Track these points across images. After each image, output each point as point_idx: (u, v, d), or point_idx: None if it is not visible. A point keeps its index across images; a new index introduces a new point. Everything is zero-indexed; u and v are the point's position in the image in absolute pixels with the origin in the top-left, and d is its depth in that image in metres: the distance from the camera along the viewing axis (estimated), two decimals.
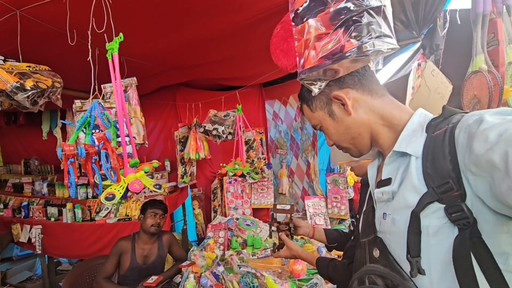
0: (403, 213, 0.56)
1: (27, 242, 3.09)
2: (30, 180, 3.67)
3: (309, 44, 0.53)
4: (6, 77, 1.22)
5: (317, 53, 0.50)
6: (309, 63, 0.53)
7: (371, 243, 0.65)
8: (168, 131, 3.24)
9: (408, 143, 0.59)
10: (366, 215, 0.73)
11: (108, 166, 0.99)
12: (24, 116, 3.72)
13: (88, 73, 2.02)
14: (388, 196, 0.62)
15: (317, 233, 1.27)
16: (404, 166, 0.59)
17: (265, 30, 1.95)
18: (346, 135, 0.70)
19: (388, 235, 0.60)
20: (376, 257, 0.62)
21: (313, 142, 3.11)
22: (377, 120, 0.66)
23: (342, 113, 0.67)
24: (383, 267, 0.59)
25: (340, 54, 0.47)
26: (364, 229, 0.72)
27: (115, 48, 1.13)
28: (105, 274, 1.99)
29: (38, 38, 1.64)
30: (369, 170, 0.74)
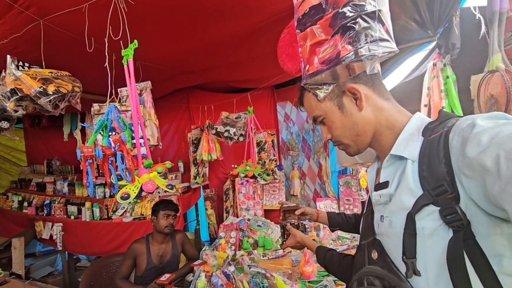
0: (399, 215, 0.57)
1: (49, 238, 3.25)
2: (52, 180, 3.85)
3: (312, 50, 0.55)
4: (30, 83, 1.31)
5: (319, 59, 0.52)
6: (312, 68, 0.55)
7: (370, 245, 0.66)
8: (181, 132, 3.32)
9: (405, 146, 0.60)
10: (366, 217, 0.74)
11: (123, 167, 1.04)
12: (47, 119, 3.91)
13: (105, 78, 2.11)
14: (385, 199, 0.63)
15: (321, 217, 1.36)
16: (401, 169, 0.60)
17: (276, 33, 1.96)
18: (352, 131, 0.69)
19: (385, 237, 0.62)
20: (374, 259, 0.63)
21: (325, 143, 3.09)
22: (382, 121, 0.66)
23: (352, 108, 0.67)
24: (381, 269, 0.60)
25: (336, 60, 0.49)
26: (364, 232, 0.73)
27: (130, 55, 1.18)
28: (121, 275, 2.06)
29: (59, 45, 1.73)
30: (369, 173, 0.76)
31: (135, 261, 2.10)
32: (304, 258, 1.88)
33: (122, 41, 1.24)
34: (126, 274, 2.08)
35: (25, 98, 1.33)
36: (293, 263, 2.05)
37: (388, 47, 0.48)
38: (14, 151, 4.44)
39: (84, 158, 1.05)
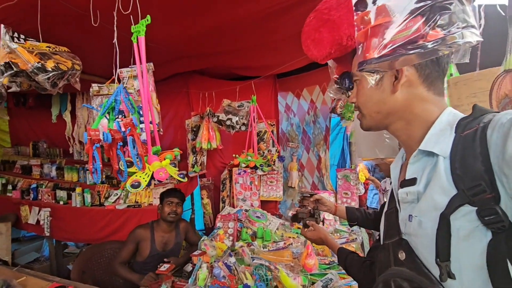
0: (431, 215, 0.53)
1: (35, 224, 3.12)
2: (38, 163, 3.68)
3: (375, 32, 0.49)
4: (27, 57, 1.19)
5: (388, 42, 0.46)
6: (373, 52, 0.49)
7: (396, 246, 0.62)
8: (179, 119, 3.21)
9: (435, 142, 0.56)
10: (388, 216, 0.70)
11: (135, 153, 0.96)
12: (34, 98, 3.70)
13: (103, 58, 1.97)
14: (413, 197, 0.59)
15: (339, 211, 1.36)
16: (430, 166, 0.57)
17: (286, 20, 1.90)
18: (375, 106, 0.66)
19: (414, 237, 0.58)
20: (401, 259, 0.59)
21: (325, 136, 3.07)
22: (417, 112, 0.61)
23: (388, 86, 0.62)
24: (409, 271, 0.57)
25: (421, 44, 0.43)
26: (387, 231, 0.70)
27: (142, 31, 1.09)
28: (121, 259, 2.03)
29: (56, 18, 1.59)
30: (392, 169, 0.72)
31: (137, 246, 2.08)
32: (307, 250, 1.87)
33: (131, 16, 1.14)
34: (126, 258, 2.06)
35: (21, 74, 1.21)
36: (293, 255, 2.04)
37: (478, 36, 0.43)
38: None
39: (90, 142, 0.96)
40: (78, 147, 3.55)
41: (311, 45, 0.95)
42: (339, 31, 0.80)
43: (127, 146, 1.04)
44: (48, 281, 1.85)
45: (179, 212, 2.15)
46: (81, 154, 3.60)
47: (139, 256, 2.10)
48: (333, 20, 0.83)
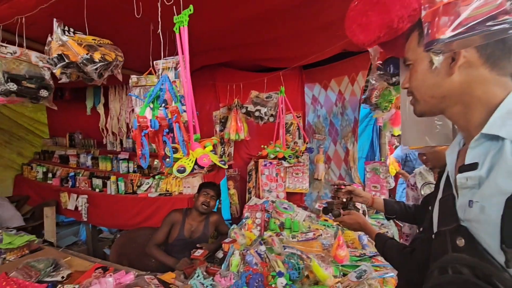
0: (495, 200, 0.51)
1: (74, 209, 3.33)
2: (75, 153, 3.91)
3: (448, 10, 0.48)
4: (77, 49, 1.26)
5: (465, 19, 0.45)
6: (445, 31, 0.48)
7: (454, 232, 0.60)
8: (206, 111, 3.26)
9: (501, 125, 0.53)
10: (444, 203, 0.68)
11: (182, 139, 1.00)
12: (70, 92, 3.91)
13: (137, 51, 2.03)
14: (473, 182, 0.57)
15: (376, 203, 1.33)
16: (495, 150, 0.54)
17: (318, 8, 1.86)
18: (429, 90, 0.64)
19: (475, 223, 0.56)
20: (460, 246, 0.58)
21: (353, 128, 3.00)
22: (477, 95, 0.58)
23: (444, 68, 0.60)
24: (470, 257, 0.55)
25: (504, 19, 0.42)
26: (442, 218, 0.67)
27: (185, 21, 1.11)
28: (156, 241, 2.15)
29: (98, 13, 1.66)
30: (448, 155, 0.69)
31: (171, 229, 2.18)
32: (338, 242, 1.86)
33: (174, 6, 1.16)
34: (161, 240, 2.18)
35: (71, 65, 1.28)
36: (323, 247, 2.04)
37: None
38: (37, 123, 4.49)
39: (139, 129, 1.01)
40: (111, 138, 3.73)
41: (357, 30, 0.93)
42: (390, 13, 0.78)
43: (171, 133, 1.08)
44: (91, 262, 1.98)
45: (211, 205, 2.21)
46: (114, 144, 3.77)
47: (169, 238, 2.21)
48: (383, 2, 0.81)
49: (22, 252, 2.05)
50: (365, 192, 1.38)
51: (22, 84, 1.51)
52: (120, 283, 1.47)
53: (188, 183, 2.83)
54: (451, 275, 0.57)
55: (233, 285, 1.50)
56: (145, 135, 1.02)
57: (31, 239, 2.14)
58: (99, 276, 1.64)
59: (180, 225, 2.18)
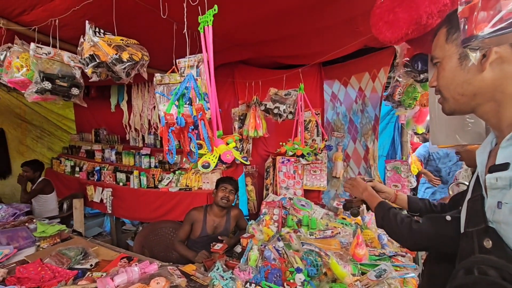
0: None
1: (99, 202, 3.50)
2: (100, 148, 4.09)
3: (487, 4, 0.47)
4: (107, 49, 1.32)
5: (506, 13, 0.44)
6: (483, 26, 0.47)
7: (481, 233, 0.59)
8: (224, 109, 3.31)
9: None
10: (472, 203, 0.67)
11: (207, 136, 1.04)
12: (95, 89, 4.08)
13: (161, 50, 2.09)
14: (504, 183, 0.55)
15: (399, 200, 1.27)
16: None
17: (339, 4, 1.83)
18: (459, 88, 0.62)
19: (504, 225, 0.55)
20: (487, 247, 0.57)
21: (374, 126, 2.95)
22: (509, 91, 0.57)
23: (475, 64, 0.59)
24: (497, 258, 0.54)
25: None
26: (470, 218, 0.66)
27: (210, 21, 1.14)
28: (179, 238, 2.25)
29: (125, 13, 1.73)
30: (479, 155, 0.68)
31: (192, 227, 2.26)
32: (357, 240, 1.85)
33: (199, 6, 1.19)
34: (184, 237, 2.26)
35: (101, 65, 1.35)
36: (341, 245, 2.03)
37: None
38: (65, 119, 4.74)
39: (167, 125, 1.06)
40: (134, 134, 3.87)
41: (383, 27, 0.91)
42: (419, 9, 0.77)
43: (196, 130, 1.12)
44: (116, 252, 2.08)
45: (231, 199, 2.26)
46: (136, 140, 3.91)
47: (192, 235, 2.28)
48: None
49: (54, 240, 2.19)
50: (388, 187, 1.34)
51: (55, 82, 1.61)
52: (144, 273, 1.54)
53: (207, 179, 2.90)
54: (477, 276, 0.56)
55: (252, 278, 1.53)
56: (172, 131, 1.07)
57: (62, 228, 2.27)
58: (124, 265, 1.73)
59: (202, 222, 2.25)
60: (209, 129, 1.09)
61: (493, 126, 0.64)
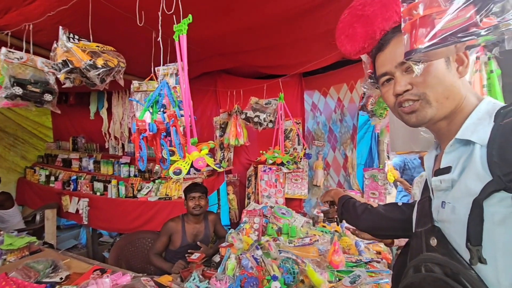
0: (464, 201, 0.54)
1: (75, 212, 3.36)
2: (77, 157, 3.96)
3: (425, 22, 0.51)
4: (80, 55, 1.31)
5: (439, 31, 0.48)
6: (422, 41, 0.51)
7: (428, 233, 0.64)
8: (207, 117, 3.32)
9: (473, 131, 0.57)
10: (421, 204, 0.71)
11: (178, 142, 1.04)
12: (74, 96, 3.99)
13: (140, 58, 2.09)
14: (447, 185, 0.60)
15: None
16: (466, 155, 0.57)
17: (317, 18, 1.91)
18: (446, 91, 0.60)
19: (447, 224, 0.59)
20: (433, 246, 0.61)
21: (352, 135, 3.03)
22: (464, 99, 0.62)
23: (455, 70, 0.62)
24: (441, 256, 0.58)
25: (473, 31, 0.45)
26: (419, 219, 0.71)
27: (184, 30, 1.16)
28: (155, 250, 2.19)
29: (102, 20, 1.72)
30: (426, 160, 0.73)
31: (170, 238, 2.21)
32: (334, 247, 1.87)
33: (174, 15, 1.22)
34: (161, 249, 2.20)
35: (75, 71, 1.34)
36: (319, 252, 2.05)
37: None
38: (41, 127, 4.56)
39: (138, 132, 1.05)
40: (113, 142, 3.78)
41: (345, 41, 0.97)
42: (373, 25, 0.83)
43: (169, 136, 1.12)
44: (89, 264, 2.00)
45: (203, 205, 2.23)
46: (116, 149, 3.83)
47: (172, 246, 2.22)
48: (367, 15, 0.86)
49: (22, 253, 2.07)
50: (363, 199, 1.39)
51: (27, 88, 1.57)
52: (116, 284, 1.49)
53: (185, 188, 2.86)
54: (424, 274, 0.60)
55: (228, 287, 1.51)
56: (144, 138, 1.06)
57: (31, 240, 2.16)
58: (96, 278, 1.67)
59: (180, 232, 2.21)
60: (181, 136, 1.10)
61: (442, 131, 0.66)
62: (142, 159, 1.06)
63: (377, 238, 1.16)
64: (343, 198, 1.11)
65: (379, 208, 0.99)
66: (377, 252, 2.14)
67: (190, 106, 1.27)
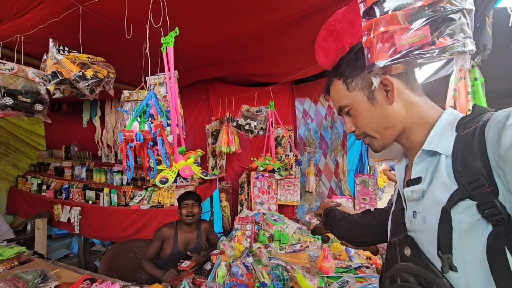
0: (433, 210, 0.56)
1: (66, 222, 3.33)
2: (70, 165, 3.94)
3: (384, 38, 0.55)
4: (70, 67, 1.34)
5: (399, 47, 0.52)
6: (382, 56, 0.55)
7: (402, 242, 0.65)
8: (199, 125, 3.35)
9: (438, 142, 0.59)
10: (395, 214, 0.73)
11: (164, 152, 1.06)
12: (67, 105, 4.00)
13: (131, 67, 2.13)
14: (418, 195, 0.62)
15: None
16: (433, 165, 0.59)
17: (304, 28, 1.97)
18: (380, 123, 0.67)
19: (419, 233, 0.61)
20: (407, 255, 0.62)
21: (343, 141, 3.08)
22: (414, 116, 0.65)
23: (383, 100, 0.65)
24: (415, 265, 0.59)
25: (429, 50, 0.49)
26: (393, 229, 0.72)
27: (171, 42, 1.20)
28: (147, 256, 2.17)
29: (93, 32, 1.76)
30: (397, 170, 0.74)
31: (162, 244, 2.20)
32: (323, 253, 1.89)
33: (162, 29, 1.25)
34: (152, 255, 2.19)
35: (64, 82, 1.36)
36: (310, 258, 2.06)
37: (474, 46, 0.48)
38: (34, 135, 4.55)
39: (125, 142, 1.07)
40: (106, 150, 3.78)
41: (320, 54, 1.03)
42: (342, 40, 0.88)
43: (156, 146, 1.15)
44: (79, 274, 1.99)
45: (196, 213, 2.24)
46: (109, 157, 3.82)
47: (162, 253, 2.22)
48: (337, 31, 0.91)
49: (12, 263, 2.05)
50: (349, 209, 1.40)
51: (18, 98, 1.58)
52: None
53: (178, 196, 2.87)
54: (399, 284, 0.62)
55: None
56: (131, 148, 1.08)
57: (21, 250, 2.15)
58: (86, 287, 1.66)
59: (172, 239, 2.20)
60: (168, 145, 1.12)
61: (406, 146, 0.70)
62: (129, 168, 1.08)
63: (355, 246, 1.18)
64: (327, 209, 1.13)
65: (354, 216, 1.02)
66: (367, 258, 2.16)
67: (179, 115, 1.31)
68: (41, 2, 1.48)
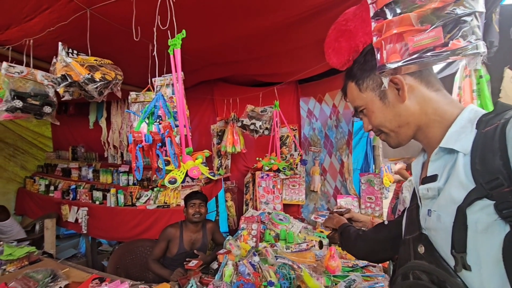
0: (449, 209, 0.55)
1: (74, 222, 3.37)
2: (77, 166, 3.99)
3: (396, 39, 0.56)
4: (79, 70, 1.36)
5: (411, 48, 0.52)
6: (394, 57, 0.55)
7: (416, 240, 0.64)
8: (204, 125, 3.36)
9: (456, 139, 0.58)
10: (410, 212, 0.72)
11: (172, 152, 1.08)
12: (74, 106, 4.04)
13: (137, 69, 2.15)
14: (433, 193, 0.61)
15: None
16: (451, 163, 0.58)
17: (309, 27, 1.97)
18: (393, 122, 0.68)
19: (433, 231, 0.60)
20: (421, 253, 0.61)
21: (347, 140, 3.07)
22: (430, 113, 0.64)
23: (394, 99, 0.66)
24: (428, 264, 0.59)
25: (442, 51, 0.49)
26: (408, 226, 0.72)
27: (178, 44, 1.21)
28: (154, 256, 2.20)
29: (101, 35, 1.78)
30: (414, 167, 0.74)
31: (168, 244, 2.22)
32: (330, 252, 1.89)
33: (169, 31, 1.27)
34: (159, 255, 2.22)
35: (74, 84, 1.38)
36: (316, 257, 2.07)
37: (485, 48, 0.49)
38: (41, 137, 4.61)
39: (134, 143, 1.09)
40: (113, 151, 3.82)
41: (331, 54, 1.03)
42: (355, 39, 0.88)
43: (164, 147, 1.16)
44: (88, 273, 2.02)
45: (202, 212, 2.26)
46: (115, 157, 3.86)
47: (169, 253, 2.24)
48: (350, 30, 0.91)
49: (22, 263, 2.09)
50: (364, 216, 1.34)
51: (27, 101, 1.61)
52: None
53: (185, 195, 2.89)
54: (412, 281, 0.61)
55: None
56: (140, 148, 1.10)
57: (31, 250, 2.18)
58: (95, 286, 1.69)
59: (178, 239, 2.22)
60: (176, 146, 1.13)
61: (424, 143, 0.70)
62: (139, 169, 1.10)
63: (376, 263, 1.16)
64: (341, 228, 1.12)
65: (368, 232, 1.00)
66: None
67: (185, 116, 1.32)
68: (50, 6, 1.50)
